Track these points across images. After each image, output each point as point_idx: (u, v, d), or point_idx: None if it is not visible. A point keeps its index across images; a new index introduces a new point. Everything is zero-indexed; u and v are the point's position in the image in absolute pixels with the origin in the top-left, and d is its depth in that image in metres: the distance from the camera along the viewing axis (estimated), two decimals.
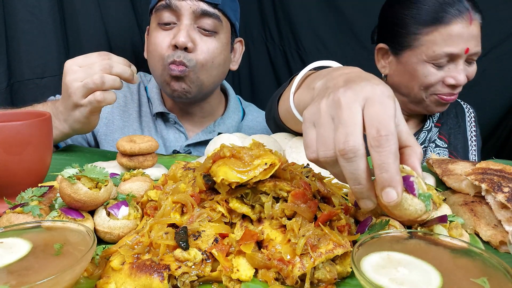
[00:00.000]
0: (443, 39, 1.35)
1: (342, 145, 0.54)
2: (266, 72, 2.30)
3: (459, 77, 1.37)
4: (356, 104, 0.56)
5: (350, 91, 0.58)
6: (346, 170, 0.56)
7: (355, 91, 0.58)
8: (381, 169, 0.53)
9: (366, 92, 0.57)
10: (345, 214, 0.70)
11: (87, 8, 1.80)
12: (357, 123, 0.55)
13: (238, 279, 0.60)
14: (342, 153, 0.55)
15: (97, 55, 1.09)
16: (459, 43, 1.34)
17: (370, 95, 0.57)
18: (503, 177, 0.84)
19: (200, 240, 0.63)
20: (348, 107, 0.56)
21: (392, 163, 0.53)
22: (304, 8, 2.12)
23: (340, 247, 0.60)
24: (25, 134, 0.80)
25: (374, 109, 0.55)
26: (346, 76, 0.64)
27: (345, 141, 0.54)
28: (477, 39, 1.38)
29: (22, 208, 0.68)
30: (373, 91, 0.57)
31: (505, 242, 0.72)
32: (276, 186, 0.67)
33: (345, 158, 0.55)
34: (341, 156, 0.55)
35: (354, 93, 0.57)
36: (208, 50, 1.36)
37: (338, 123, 0.56)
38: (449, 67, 1.39)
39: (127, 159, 1.01)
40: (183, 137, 1.53)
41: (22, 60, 1.67)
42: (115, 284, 0.58)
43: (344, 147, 0.54)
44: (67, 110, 1.12)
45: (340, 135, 0.55)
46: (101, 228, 0.70)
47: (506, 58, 1.99)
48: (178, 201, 0.69)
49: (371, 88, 0.58)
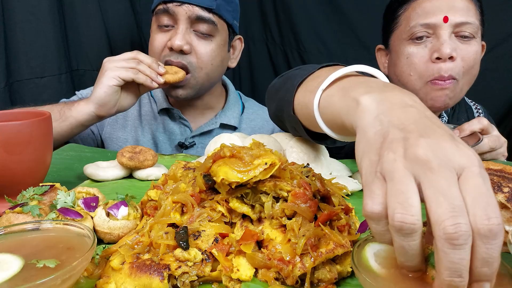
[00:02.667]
0: (417, 13, 1.29)
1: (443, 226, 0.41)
2: (267, 71, 2.30)
3: (442, 48, 1.23)
4: (451, 173, 0.43)
5: (437, 147, 0.44)
6: (446, 257, 0.41)
7: (444, 150, 0.44)
8: (485, 264, 0.41)
9: (461, 157, 0.44)
10: (345, 214, 0.70)
11: (87, 8, 1.81)
12: (456, 197, 0.42)
13: (238, 279, 0.60)
14: (447, 237, 0.40)
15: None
16: (435, 13, 1.25)
17: (467, 164, 0.43)
18: (503, 177, 0.84)
19: (200, 240, 0.63)
20: (440, 172, 0.43)
21: (498, 258, 0.42)
22: (305, 7, 2.12)
23: (340, 247, 0.60)
24: (25, 134, 0.80)
25: (476, 183, 0.42)
26: (414, 115, 0.50)
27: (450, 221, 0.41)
28: (465, 10, 1.25)
29: (21, 208, 0.68)
30: (470, 159, 0.44)
31: (505, 242, 0.72)
32: (276, 186, 0.67)
33: (451, 244, 0.40)
34: (446, 240, 0.40)
35: (444, 155, 0.44)
36: (206, 52, 1.41)
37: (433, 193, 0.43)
38: (432, 41, 1.28)
39: (128, 159, 1.01)
40: (187, 130, 1.58)
41: (21, 60, 1.68)
42: (115, 284, 0.58)
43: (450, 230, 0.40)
44: (95, 86, 1.22)
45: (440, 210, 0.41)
46: (100, 228, 0.70)
47: (506, 58, 1.99)
48: (178, 201, 0.69)
49: (466, 153, 0.44)
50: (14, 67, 1.67)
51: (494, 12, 1.94)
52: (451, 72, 1.26)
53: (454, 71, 1.26)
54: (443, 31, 1.25)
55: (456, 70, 1.26)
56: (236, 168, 0.63)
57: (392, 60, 1.43)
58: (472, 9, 1.28)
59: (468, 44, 1.28)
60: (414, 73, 1.32)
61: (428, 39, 1.29)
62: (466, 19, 1.25)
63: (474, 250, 0.41)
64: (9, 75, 1.65)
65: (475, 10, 1.29)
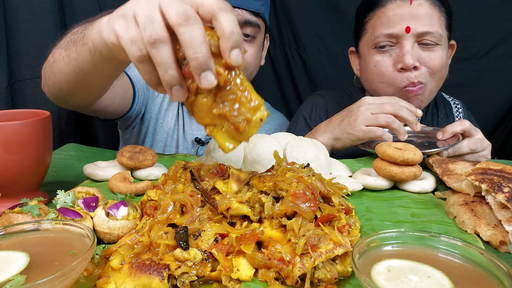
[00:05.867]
0: (381, 22, 1.32)
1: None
2: (266, 71, 2.29)
3: (404, 59, 1.27)
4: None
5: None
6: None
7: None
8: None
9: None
10: (345, 214, 0.70)
11: (87, 8, 1.80)
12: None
13: (238, 279, 0.60)
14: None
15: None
16: (398, 23, 1.28)
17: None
18: (503, 177, 0.84)
19: (200, 240, 0.62)
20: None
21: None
22: (305, 8, 2.12)
23: (340, 247, 0.60)
24: (25, 134, 0.80)
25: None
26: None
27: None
28: (427, 18, 1.28)
29: (21, 208, 0.68)
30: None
31: (505, 242, 0.72)
32: (276, 186, 0.67)
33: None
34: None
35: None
36: (251, 54, 1.44)
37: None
38: (395, 51, 1.32)
39: (127, 158, 1.01)
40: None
41: (22, 60, 1.67)
42: (114, 283, 0.58)
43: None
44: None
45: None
46: (100, 228, 0.70)
47: (506, 58, 1.99)
48: (178, 201, 0.69)
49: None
50: (15, 67, 1.66)
51: (494, 12, 1.94)
52: (419, 78, 1.31)
53: (421, 77, 1.31)
54: (406, 41, 1.28)
55: (423, 76, 1.31)
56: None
57: (362, 66, 1.47)
58: (435, 16, 1.30)
59: (432, 51, 1.31)
60: (384, 81, 1.36)
61: (392, 47, 1.33)
62: (428, 28, 1.28)
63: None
64: (10, 75, 1.65)
65: (439, 16, 1.32)
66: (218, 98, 0.62)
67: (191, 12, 0.59)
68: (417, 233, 0.60)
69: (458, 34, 1.54)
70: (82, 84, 0.98)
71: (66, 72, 0.95)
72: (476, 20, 1.95)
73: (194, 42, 0.58)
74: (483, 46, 2.01)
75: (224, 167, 0.79)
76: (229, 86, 0.61)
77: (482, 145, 1.17)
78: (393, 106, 1.17)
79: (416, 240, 0.59)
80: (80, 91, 1.04)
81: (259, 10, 1.38)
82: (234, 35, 0.59)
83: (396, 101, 1.18)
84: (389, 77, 1.33)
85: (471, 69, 2.03)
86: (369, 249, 0.57)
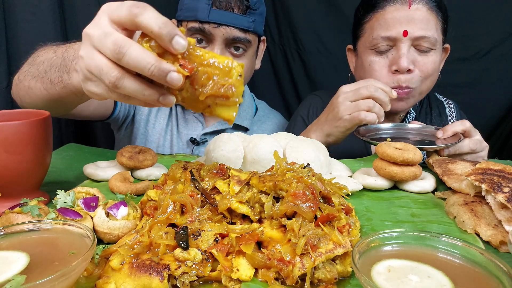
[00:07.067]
0: (379, 24, 1.35)
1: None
2: (266, 71, 2.29)
3: (400, 61, 1.31)
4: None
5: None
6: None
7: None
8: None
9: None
10: (345, 214, 0.70)
11: (87, 8, 1.80)
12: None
13: (238, 279, 0.60)
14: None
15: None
16: (395, 26, 1.31)
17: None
18: (503, 177, 0.84)
19: (200, 240, 0.62)
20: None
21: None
22: (304, 8, 2.12)
23: (340, 247, 0.60)
24: (25, 134, 0.80)
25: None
26: None
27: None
28: (424, 22, 1.31)
29: (21, 208, 0.68)
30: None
31: (505, 242, 0.72)
32: (276, 186, 0.67)
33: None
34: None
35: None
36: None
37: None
38: (392, 53, 1.36)
39: (127, 158, 1.01)
40: (200, 126, 1.58)
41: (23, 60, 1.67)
42: (114, 283, 0.58)
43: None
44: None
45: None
46: (100, 228, 0.70)
47: (506, 58, 1.99)
48: (178, 201, 0.69)
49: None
50: (15, 67, 1.66)
51: (494, 12, 1.94)
52: (408, 83, 1.35)
53: (411, 82, 1.35)
54: (403, 44, 1.32)
55: (413, 80, 1.35)
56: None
57: (358, 64, 1.50)
58: (431, 20, 1.33)
59: (426, 56, 1.35)
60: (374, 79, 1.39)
61: (389, 50, 1.36)
62: (424, 33, 1.31)
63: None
64: (10, 75, 1.65)
65: (436, 20, 1.34)
66: (196, 85, 0.65)
67: (120, 40, 0.61)
68: (417, 233, 0.60)
69: (458, 34, 1.54)
70: (62, 106, 1.05)
71: (45, 99, 1.02)
72: (476, 20, 1.96)
73: (140, 62, 0.60)
74: (483, 46, 2.01)
75: (224, 167, 0.79)
76: (196, 71, 0.64)
77: (481, 146, 1.19)
78: (368, 89, 1.20)
79: (416, 240, 0.59)
80: (58, 110, 1.10)
81: (248, 28, 1.36)
82: (163, 29, 0.60)
83: (371, 83, 1.21)
84: (381, 76, 1.37)
85: (471, 69, 2.04)
86: (369, 249, 0.57)
